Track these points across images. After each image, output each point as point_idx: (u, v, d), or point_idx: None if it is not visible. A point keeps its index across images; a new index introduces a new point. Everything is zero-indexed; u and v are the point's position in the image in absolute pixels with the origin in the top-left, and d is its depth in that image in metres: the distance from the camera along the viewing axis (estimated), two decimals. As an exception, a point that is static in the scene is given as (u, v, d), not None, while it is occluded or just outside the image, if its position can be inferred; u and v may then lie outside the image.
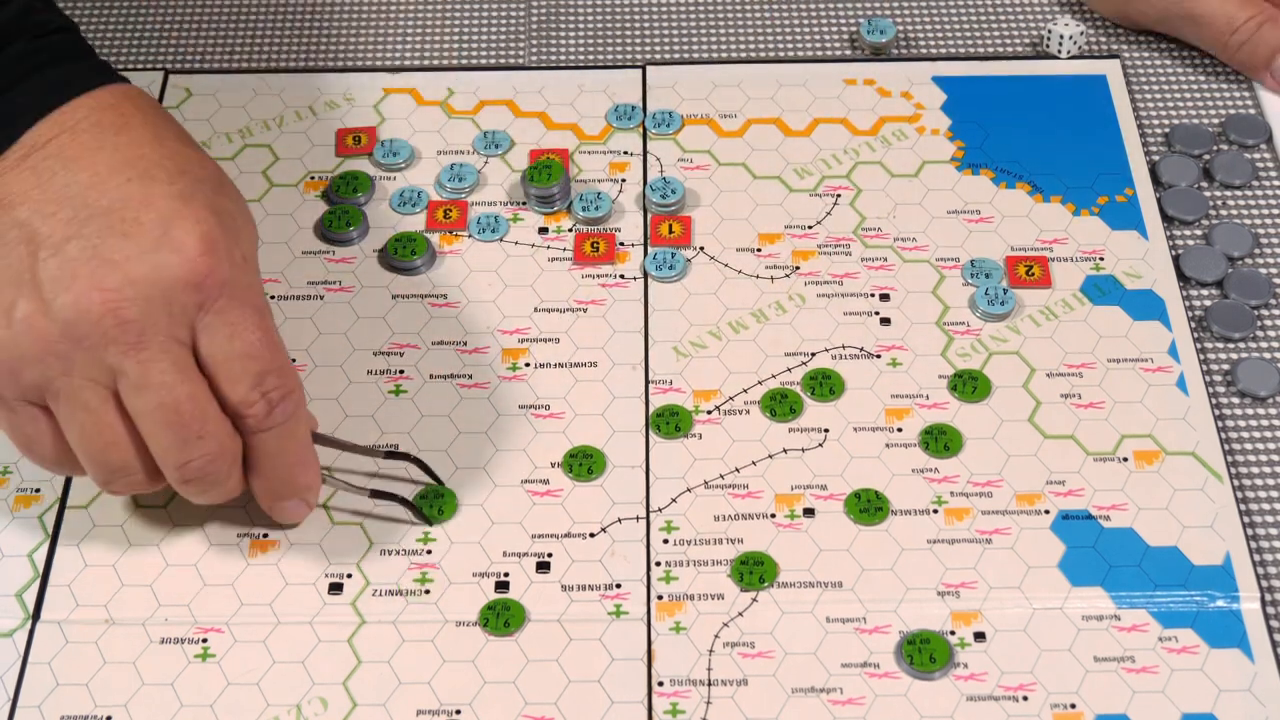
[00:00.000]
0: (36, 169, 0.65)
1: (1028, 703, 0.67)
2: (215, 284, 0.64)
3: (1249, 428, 0.75)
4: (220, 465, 0.65)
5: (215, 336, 0.64)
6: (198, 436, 0.64)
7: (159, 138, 0.66)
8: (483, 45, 0.92)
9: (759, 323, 0.79)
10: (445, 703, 0.67)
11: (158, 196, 0.64)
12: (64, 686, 0.67)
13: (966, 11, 0.93)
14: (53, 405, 0.64)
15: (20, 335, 0.63)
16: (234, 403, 0.65)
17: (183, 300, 0.63)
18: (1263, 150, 0.86)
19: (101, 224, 0.63)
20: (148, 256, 0.63)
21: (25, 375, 0.63)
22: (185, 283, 0.63)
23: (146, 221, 0.63)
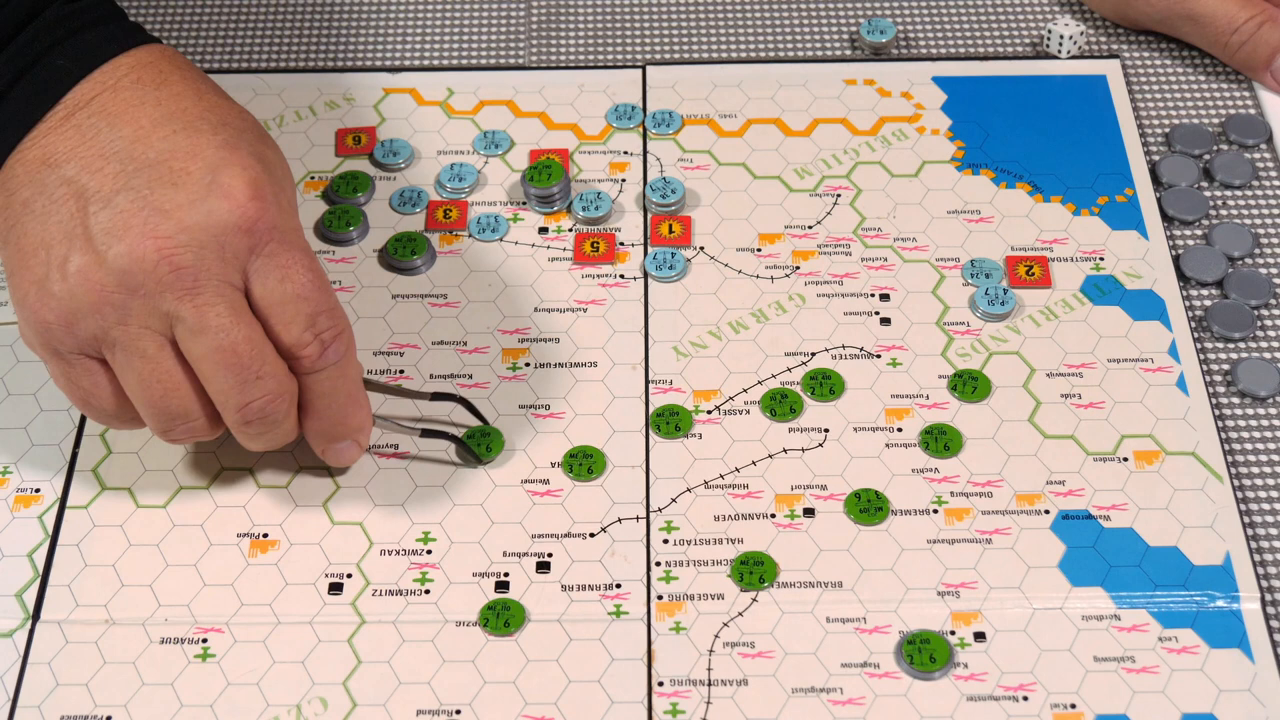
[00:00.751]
0: (80, 127, 0.66)
1: (1028, 703, 0.67)
2: (265, 228, 0.65)
3: (1249, 428, 0.75)
4: (280, 405, 0.67)
5: (267, 280, 0.65)
6: (257, 377, 0.65)
7: (198, 92, 0.68)
8: (483, 45, 0.92)
9: (759, 323, 0.79)
10: (445, 703, 0.67)
11: (203, 146, 0.65)
12: (64, 687, 0.67)
13: (966, 11, 0.93)
14: (109, 356, 0.66)
15: (76, 288, 0.64)
16: (288, 344, 0.66)
17: (235, 245, 0.65)
18: (1263, 150, 0.86)
19: (150, 175, 0.64)
20: (199, 204, 0.64)
21: (82, 327, 0.64)
22: (237, 227, 0.64)
23: (194, 171, 0.65)
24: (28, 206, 0.65)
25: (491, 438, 0.74)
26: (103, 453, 0.74)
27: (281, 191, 0.67)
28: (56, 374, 0.67)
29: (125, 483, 0.73)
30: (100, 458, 0.74)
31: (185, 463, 0.74)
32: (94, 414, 0.68)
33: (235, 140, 0.66)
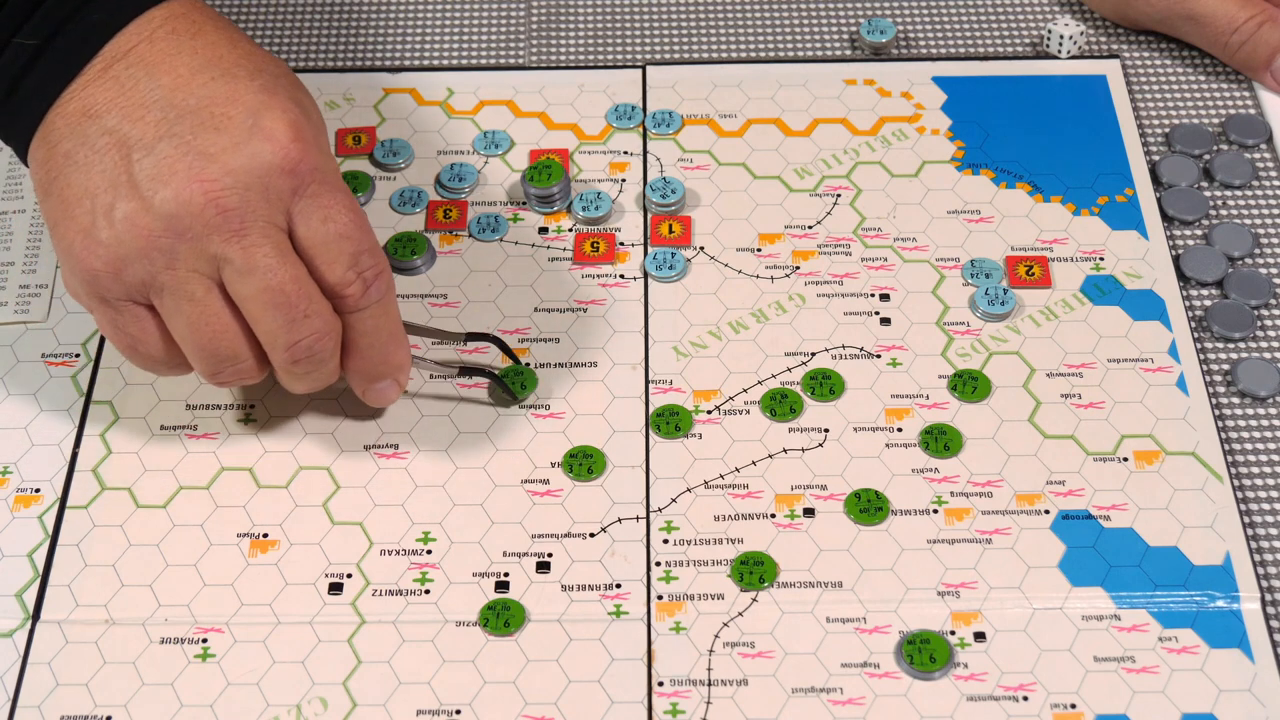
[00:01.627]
0: (119, 78, 0.66)
1: (1028, 703, 0.67)
2: (307, 169, 0.66)
3: (1249, 428, 0.75)
4: (327, 343, 0.68)
5: (310, 220, 0.66)
6: (304, 315, 0.66)
7: (232, 40, 0.68)
8: (483, 45, 0.92)
9: (759, 323, 0.79)
10: (445, 703, 0.67)
11: (242, 92, 0.66)
12: (64, 687, 0.67)
13: (966, 11, 0.93)
14: (157, 301, 0.67)
15: (123, 234, 0.65)
16: (332, 283, 0.67)
17: (279, 186, 0.65)
18: (1263, 150, 0.86)
19: (192, 121, 0.65)
20: (242, 147, 0.65)
21: (130, 273, 0.65)
22: (280, 169, 0.65)
23: (235, 115, 0.65)
24: (70, 158, 0.66)
25: (525, 376, 0.76)
26: (103, 453, 0.74)
27: (320, 134, 0.68)
28: (103, 322, 0.68)
29: (125, 483, 0.74)
30: (100, 458, 0.74)
31: (185, 463, 0.74)
32: (141, 361, 0.69)
33: (273, 85, 0.67)
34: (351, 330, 0.69)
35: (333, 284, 0.67)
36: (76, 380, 0.77)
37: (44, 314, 0.79)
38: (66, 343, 0.78)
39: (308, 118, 0.67)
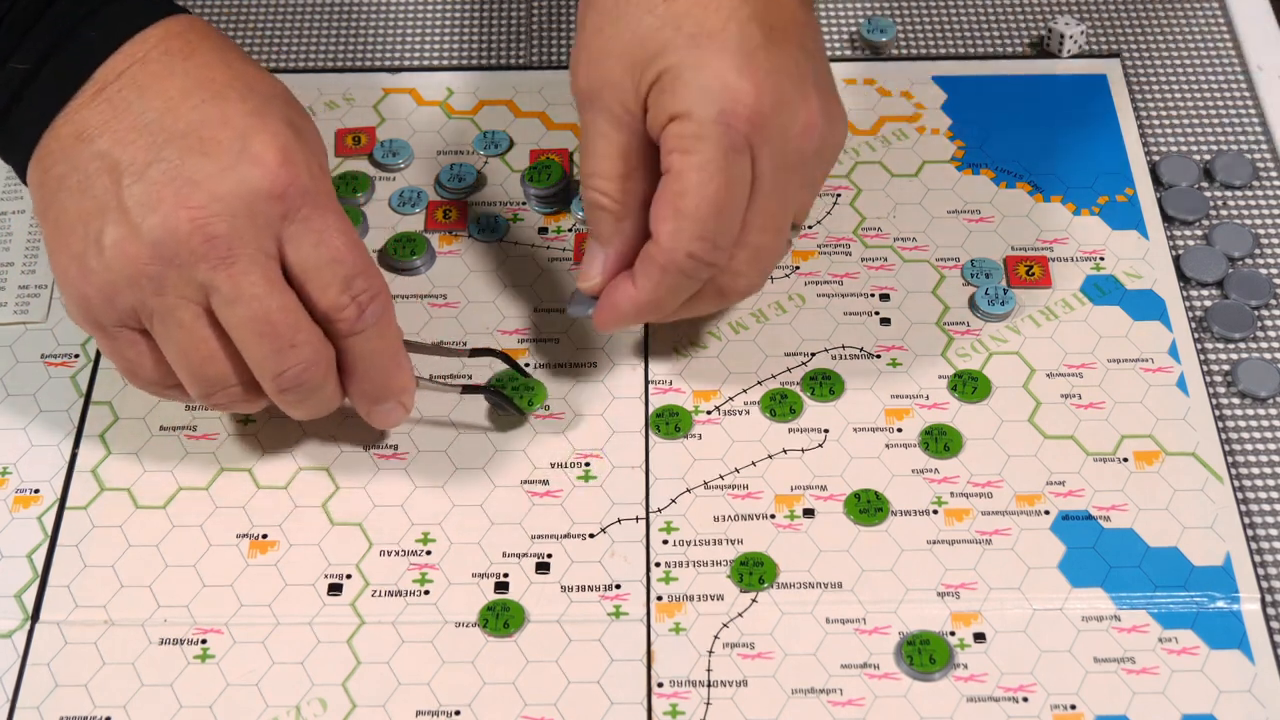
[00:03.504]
0: (111, 101, 0.66)
1: (1028, 704, 0.67)
2: (297, 193, 0.65)
3: (1249, 428, 0.75)
4: (315, 373, 0.67)
5: (302, 245, 0.66)
6: (291, 345, 0.66)
7: (226, 61, 0.68)
8: (483, 45, 0.92)
9: (759, 323, 0.79)
10: (445, 704, 0.67)
11: (232, 115, 0.65)
12: (63, 687, 0.67)
13: (966, 11, 0.93)
14: (149, 326, 0.66)
15: (112, 261, 0.64)
16: (325, 308, 0.66)
17: (268, 212, 0.65)
18: (1263, 150, 0.86)
19: (181, 146, 0.65)
20: (230, 172, 0.64)
21: (121, 300, 0.65)
22: (269, 194, 0.65)
23: (224, 139, 0.65)
24: (63, 182, 0.66)
25: (535, 391, 0.75)
26: (102, 453, 0.74)
27: (313, 156, 0.67)
28: (102, 346, 0.68)
29: (125, 483, 0.73)
30: (100, 458, 0.74)
31: (185, 463, 0.74)
32: (139, 383, 0.69)
33: (264, 107, 0.66)
34: (349, 354, 0.68)
35: (326, 309, 0.66)
36: (76, 381, 0.77)
37: (43, 314, 0.79)
38: (66, 343, 0.78)
39: (300, 139, 0.67)
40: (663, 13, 0.67)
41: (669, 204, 0.67)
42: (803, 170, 0.70)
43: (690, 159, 0.66)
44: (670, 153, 0.67)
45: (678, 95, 0.66)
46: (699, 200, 0.66)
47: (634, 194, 0.69)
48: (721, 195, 0.67)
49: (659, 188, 0.68)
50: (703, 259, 0.68)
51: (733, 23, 0.67)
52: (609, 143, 0.69)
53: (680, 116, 0.66)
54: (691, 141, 0.66)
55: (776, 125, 0.67)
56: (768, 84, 0.67)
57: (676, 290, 0.69)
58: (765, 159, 0.68)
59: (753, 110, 0.66)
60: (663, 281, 0.69)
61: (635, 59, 0.67)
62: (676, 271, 0.68)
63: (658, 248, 0.68)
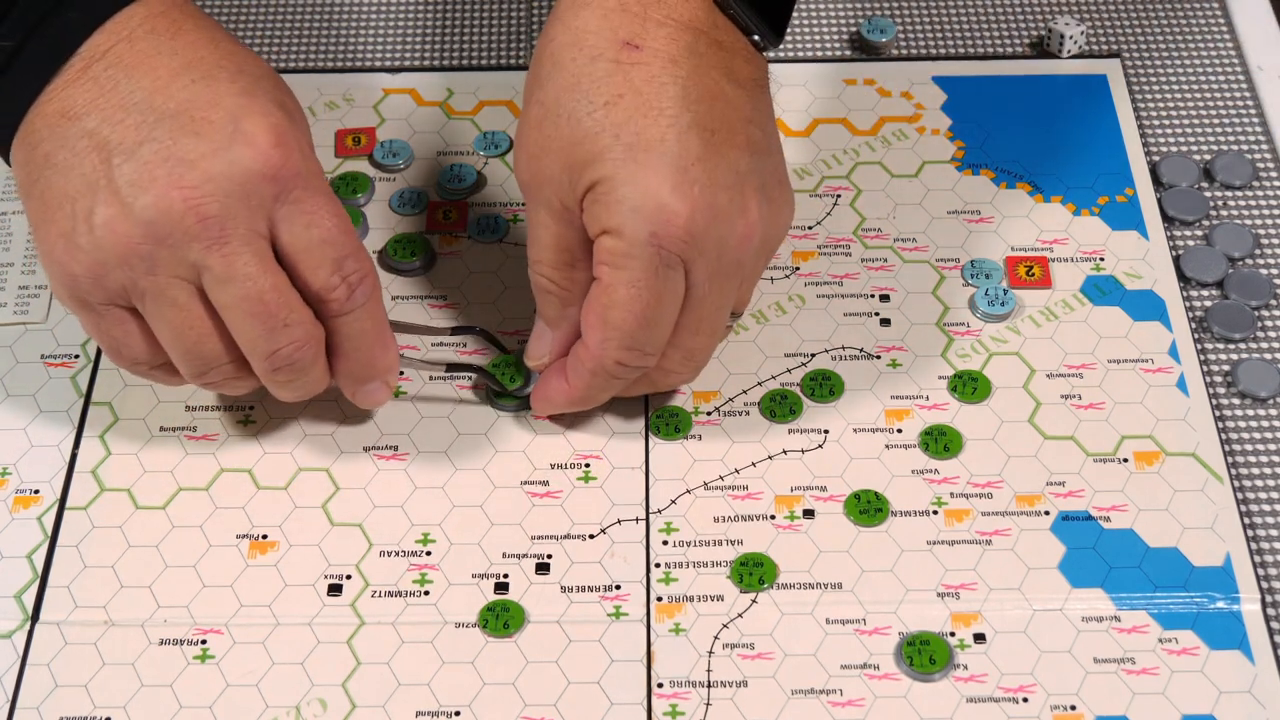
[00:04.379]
0: (98, 79, 0.66)
1: (1028, 704, 0.67)
2: (290, 174, 0.65)
3: (1249, 429, 0.75)
4: (306, 352, 0.67)
5: (294, 226, 0.66)
6: (284, 325, 0.66)
7: (213, 39, 0.68)
8: (483, 45, 0.92)
9: (759, 323, 0.79)
10: (444, 704, 0.67)
11: (223, 95, 0.65)
12: (63, 688, 0.67)
13: (966, 11, 0.93)
14: (139, 306, 0.66)
15: (103, 239, 0.64)
16: (316, 289, 0.67)
17: (260, 192, 0.65)
18: (1263, 150, 0.86)
19: (172, 126, 0.65)
20: (222, 153, 0.64)
21: (110, 279, 0.65)
22: (261, 175, 0.65)
23: (216, 120, 0.65)
24: (49, 160, 0.66)
25: (516, 367, 0.75)
26: (102, 454, 0.74)
27: (303, 136, 0.67)
28: (86, 324, 0.68)
29: (125, 484, 0.73)
30: (100, 459, 0.74)
31: (185, 463, 0.74)
32: (125, 364, 0.69)
33: (254, 87, 0.66)
34: (337, 334, 0.69)
35: (317, 290, 0.67)
36: (76, 381, 0.77)
37: (43, 315, 0.79)
38: (66, 344, 0.78)
39: (291, 120, 0.67)
40: (601, 118, 0.66)
41: (598, 314, 0.68)
42: (739, 274, 0.70)
43: (620, 274, 0.67)
44: (600, 264, 0.67)
45: (610, 210, 0.66)
46: (626, 314, 0.67)
47: (579, 282, 0.70)
48: (650, 310, 0.67)
49: (590, 292, 0.68)
50: (630, 365, 0.69)
51: (671, 132, 0.66)
52: (550, 234, 0.69)
53: (612, 232, 0.66)
54: (622, 259, 0.66)
55: (712, 239, 0.67)
56: (702, 201, 0.66)
57: (606, 388, 0.71)
58: (699, 270, 0.68)
59: (685, 230, 0.66)
60: (592, 382, 0.70)
61: (572, 160, 0.67)
62: (604, 375, 0.69)
63: (587, 352, 0.69)
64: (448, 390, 0.76)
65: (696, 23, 0.68)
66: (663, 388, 0.74)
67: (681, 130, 0.66)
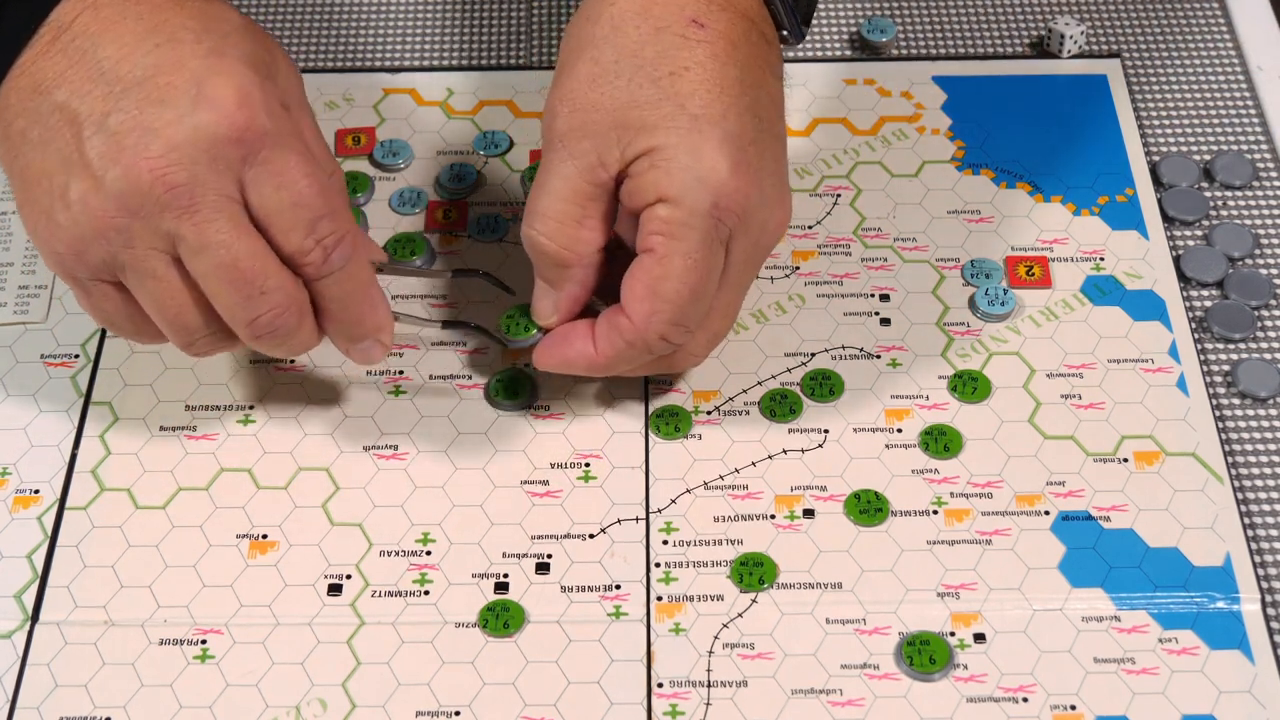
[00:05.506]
0: (66, 50, 0.65)
1: (1028, 704, 0.67)
2: (255, 135, 0.64)
3: (1249, 428, 0.75)
4: (288, 318, 0.66)
5: (263, 189, 0.65)
6: (261, 292, 0.65)
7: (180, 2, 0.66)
8: (483, 45, 0.92)
9: (759, 323, 0.79)
10: (444, 704, 0.67)
11: (187, 57, 0.64)
12: (63, 688, 0.67)
13: (966, 11, 0.93)
14: (122, 278, 0.66)
15: (78, 215, 0.64)
16: (289, 252, 0.66)
17: (227, 156, 0.64)
18: (1263, 150, 0.86)
19: (138, 95, 0.64)
20: (186, 119, 0.63)
21: (91, 254, 0.65)
22: (226, 138, 0.64)
23: (180, 84, 0.64)
24: (25, 136, 0.65)
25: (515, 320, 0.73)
26: (102, 453, 0.74)
27: (274, 93, 0.66)
28: (80, 300, 0.68)
29: (125, 483, 0.73)
30: (100, 458, 0.74)
31: (185, 463, 0.74)
32: (120, 334, 0.69)
33: (220, 45, 0.65)
34: (320, 297, 0.68)
35: (290, 253, 0.66)
36: (76, 381, 0.77)
37: (43, 315, 0.79)
38: (66, 343, 0.78)
39: (261, 76, 0.65)
40: (666, 86, 0.67)
41: (648, 285, 0.67)
42: (762, 262, 0.71)
43: (676, 245, 0.66)
44: (654, 234, 0.67)
45: (673, 178, 0.66)
46: (680, 287, 0.67)
47: (585, 243, 0.69)
48: (702, 284, 0.67)
49: (636, 264, 0.68)
50: (671, 341, 0.69)
51: (733, 111, 0.67)
52: (569, 187, 0.68)
53: (671, 200, 0.66)
54: (679, 229, 0.66)
55: (756, 221, 0.68)
56: (754, 183, 0.67)
57: (635, 361, 0.70)
58: (738, 252, 0.68)
59: (742, 207, 0.67)
60: (625, 353, 0.69)
61: (627, 121, 0.67)
62: (642, 348, 0.69)
63: (629, 324, 0.68)
64: (448, 390, 0.76)
65: (750, 12, 0.69)
66: (679, 369, 0.73)
67: (740, 111, 0.67)
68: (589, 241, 0.69)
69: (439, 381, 0.77)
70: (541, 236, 0.69)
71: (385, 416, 0.76)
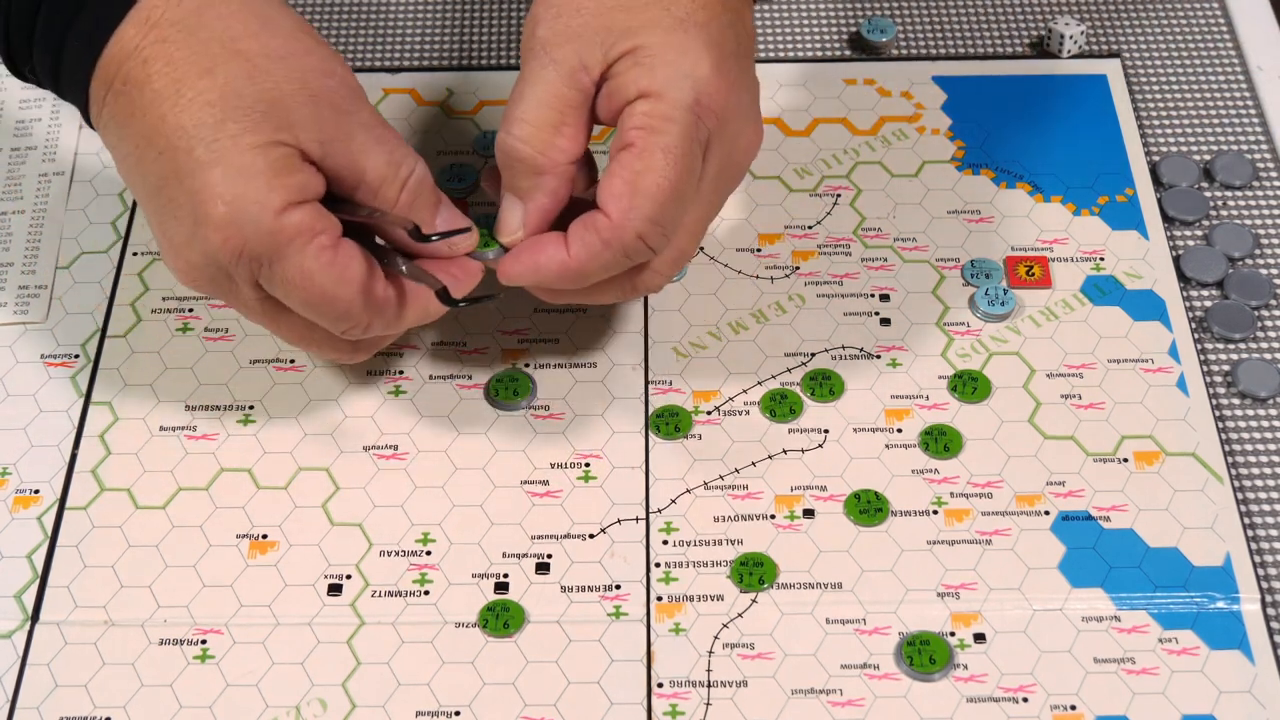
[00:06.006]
0: (108, 128, 0.67)
1: (1028, 704, 0.67)
2: (252, 253, 0.64)
3: (1249, 428, 0.75)
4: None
5: (276, 291, 0.66)
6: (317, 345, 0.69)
7: (177, 86, 0.64)
8: (483, 45, 0.92)
9: (759, 323, 0.79)
10: (444, 704, 0.67)
11: (183, 168, 0.64)
12: (63, 688, 0.67)
13: (966, 11, 0.93)
14: None
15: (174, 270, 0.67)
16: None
17: (238, 271, 0.65)
18: (1263, 150, 0.86)
19: (156, 204, 0.66)
20: (194, 241, 0.65)
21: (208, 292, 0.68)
22: (231, 258, 0.65)
23: (181, 201, 0.64)
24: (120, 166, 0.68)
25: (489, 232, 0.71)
26: (102, 453, 0.74)
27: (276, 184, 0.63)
28: None
29: (125, 484, 0.73)
30: (100, 458, 0.74)
31: (185, 463, 0.74)
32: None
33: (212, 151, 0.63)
34: None
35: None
36: (76, 381, 0.77)
37: (43, 315, 0.79)
38: (66, 343, 0.78)
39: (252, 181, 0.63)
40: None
41: (626, 180, 0.66)
42: (734, 182, 0.71)
43: (657, 139, 0.66)
44: (634, 129, 0.66)
45: (655, 73, 0.66)
46: (660, 181, 0.65)
47: (561, 150, 0.68)
48: (681, 182, 0.66)
49: (613, 163, 0.66)
50: (648, 243, 0.67)
51: (715, 24, 0.67)
52: (550, 91, 0.67)
53: (652, 95, 0.66)
54: (661, 122, 0.66)
55: (730, 131, 0.68)
56: (735, 90, 0.67)
57: (609, 267, 0.68)
58: (713, 161, 0.68)
59: (722, 108, 0.66)
60: (600, 255, 0.67)
61: (611, 24, 0.67)
62: (619, 249, 0.67)
63: (606, 222, 0.66)
64: (448, 389, 0.76)
65: None
66: (641, 292, 0.71)
67: (723, 26, 0.68)
68: (565, 150, 0.68)
69: (439, 381, 0.77)
70: (518, 141, 0.67)
71: (385, 416, 0.76)
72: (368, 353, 0.72)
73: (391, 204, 0.67)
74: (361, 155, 0.66)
